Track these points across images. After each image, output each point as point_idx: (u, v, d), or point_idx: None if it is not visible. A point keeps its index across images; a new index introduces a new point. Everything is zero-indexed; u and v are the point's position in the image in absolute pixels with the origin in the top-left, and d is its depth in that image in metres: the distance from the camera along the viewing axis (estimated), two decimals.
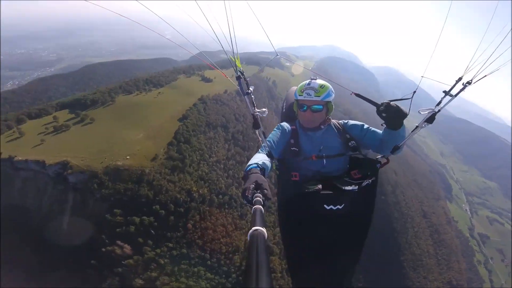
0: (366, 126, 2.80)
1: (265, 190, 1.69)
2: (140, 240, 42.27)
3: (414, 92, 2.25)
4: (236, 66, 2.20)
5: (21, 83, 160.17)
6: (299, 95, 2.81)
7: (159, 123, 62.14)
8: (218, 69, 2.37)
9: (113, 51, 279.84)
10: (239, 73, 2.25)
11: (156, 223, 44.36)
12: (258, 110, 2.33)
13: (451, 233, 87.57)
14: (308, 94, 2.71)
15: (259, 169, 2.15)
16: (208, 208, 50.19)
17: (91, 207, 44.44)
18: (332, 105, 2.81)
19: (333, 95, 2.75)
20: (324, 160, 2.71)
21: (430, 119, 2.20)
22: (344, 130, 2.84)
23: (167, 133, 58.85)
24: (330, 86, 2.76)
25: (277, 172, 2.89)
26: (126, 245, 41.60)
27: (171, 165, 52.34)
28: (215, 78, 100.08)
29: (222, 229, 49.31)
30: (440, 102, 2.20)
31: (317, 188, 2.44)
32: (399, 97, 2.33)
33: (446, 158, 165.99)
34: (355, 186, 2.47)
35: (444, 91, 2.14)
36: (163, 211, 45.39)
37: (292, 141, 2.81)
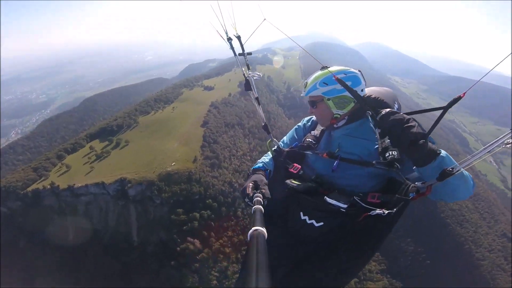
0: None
1: (263, 190, 1.70)
2: (205, 233, 46.31)
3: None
4: (226, 28, 2.08)
5: (24, 130, 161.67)
6: None
7: (186, 131, 66.99)
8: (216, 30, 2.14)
9: (101, 82, 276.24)
10: (228, 36, 2.16)
11: (213, 215, 48.76)
12: (251, 73, 2.25)
13: (484, 187, 79.83)
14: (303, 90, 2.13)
15: (263, 169, 2.15)
16: None
17: (153, 214, 48.71)
18: (331, 100, 1.99)
19: (326, 87, 1.96)
20: (336, 163, 1.89)
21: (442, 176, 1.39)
22: None
23: (196, 138, 63.60)
24: (324, 76, 1.98)
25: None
26: (196, 240, 45.38)
27: (209, 163, 57.12)
28: (215, 85, 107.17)
29: None
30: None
31: (297, 186, 1.88)
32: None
33: (452, 114, 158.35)
34: (346, 203, 1.66)
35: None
36: (215, 204, 49.97)
37: (314, 132, 2.29)
